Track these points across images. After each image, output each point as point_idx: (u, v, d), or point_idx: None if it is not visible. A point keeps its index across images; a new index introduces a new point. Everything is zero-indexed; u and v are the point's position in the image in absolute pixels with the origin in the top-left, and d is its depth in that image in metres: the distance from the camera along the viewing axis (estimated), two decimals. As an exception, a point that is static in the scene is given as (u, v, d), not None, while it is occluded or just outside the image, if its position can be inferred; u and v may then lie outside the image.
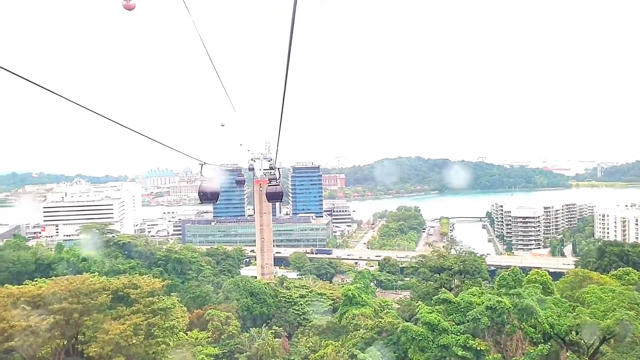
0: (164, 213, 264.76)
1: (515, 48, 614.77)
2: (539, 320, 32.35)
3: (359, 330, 56.50)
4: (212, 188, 14.31)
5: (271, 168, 43.11)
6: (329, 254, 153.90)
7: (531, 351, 31.16)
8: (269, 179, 33.00)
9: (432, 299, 47.70)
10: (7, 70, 7.32)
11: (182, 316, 51.67)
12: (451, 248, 73.13)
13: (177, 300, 49.64)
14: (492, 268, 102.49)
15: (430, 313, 33.48)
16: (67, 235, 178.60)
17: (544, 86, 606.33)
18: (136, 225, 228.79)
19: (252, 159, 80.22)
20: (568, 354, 31.86)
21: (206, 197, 14.43)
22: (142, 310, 35.39)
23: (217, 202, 18.17)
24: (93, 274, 40.33)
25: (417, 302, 52.09)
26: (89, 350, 32.54)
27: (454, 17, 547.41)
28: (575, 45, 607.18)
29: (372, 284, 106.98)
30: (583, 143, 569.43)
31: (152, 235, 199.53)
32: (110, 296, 35.69)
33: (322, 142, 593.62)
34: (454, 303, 35.76)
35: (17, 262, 76.64)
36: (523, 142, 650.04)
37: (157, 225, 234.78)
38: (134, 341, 33.02)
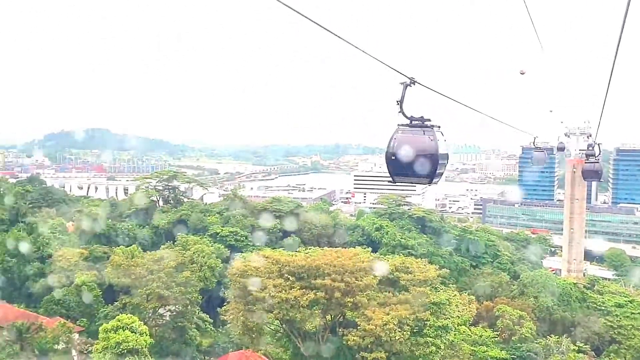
0: (467, 190, 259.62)
1: None
2: None
3: None
4: (409, 151, 7.68)
5: (589, 146, 33.64)
6: None
7: None
8: (586, 155, 26.86)
9: None
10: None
11: (467, 308, 45.33)
12: None
13: (456, 293, 43.36)
14: None
15: None
16: (372, 203, 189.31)
17: None
18: (437, 200, 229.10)
19: (565, 134, 67.77)
20: None
21: (398, 168, 7.66)
22: (410, 301, 30.12)
23: (410, 178, 7.15)
24: (366, 249, 36.92)
25: None
26: (348, 338, 28.84)
27: None
28: None
29: None
30: None
31: (452, 212, 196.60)
32: (378, 278, 31.43)
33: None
34: None
35: (318, 225, 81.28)
36: None
37: (458, 201, 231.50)
38: (397, 337, 28.02)
